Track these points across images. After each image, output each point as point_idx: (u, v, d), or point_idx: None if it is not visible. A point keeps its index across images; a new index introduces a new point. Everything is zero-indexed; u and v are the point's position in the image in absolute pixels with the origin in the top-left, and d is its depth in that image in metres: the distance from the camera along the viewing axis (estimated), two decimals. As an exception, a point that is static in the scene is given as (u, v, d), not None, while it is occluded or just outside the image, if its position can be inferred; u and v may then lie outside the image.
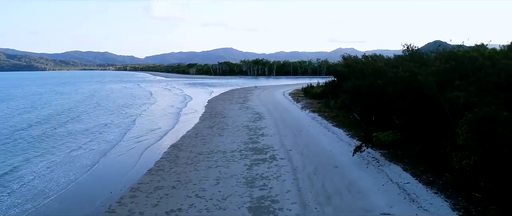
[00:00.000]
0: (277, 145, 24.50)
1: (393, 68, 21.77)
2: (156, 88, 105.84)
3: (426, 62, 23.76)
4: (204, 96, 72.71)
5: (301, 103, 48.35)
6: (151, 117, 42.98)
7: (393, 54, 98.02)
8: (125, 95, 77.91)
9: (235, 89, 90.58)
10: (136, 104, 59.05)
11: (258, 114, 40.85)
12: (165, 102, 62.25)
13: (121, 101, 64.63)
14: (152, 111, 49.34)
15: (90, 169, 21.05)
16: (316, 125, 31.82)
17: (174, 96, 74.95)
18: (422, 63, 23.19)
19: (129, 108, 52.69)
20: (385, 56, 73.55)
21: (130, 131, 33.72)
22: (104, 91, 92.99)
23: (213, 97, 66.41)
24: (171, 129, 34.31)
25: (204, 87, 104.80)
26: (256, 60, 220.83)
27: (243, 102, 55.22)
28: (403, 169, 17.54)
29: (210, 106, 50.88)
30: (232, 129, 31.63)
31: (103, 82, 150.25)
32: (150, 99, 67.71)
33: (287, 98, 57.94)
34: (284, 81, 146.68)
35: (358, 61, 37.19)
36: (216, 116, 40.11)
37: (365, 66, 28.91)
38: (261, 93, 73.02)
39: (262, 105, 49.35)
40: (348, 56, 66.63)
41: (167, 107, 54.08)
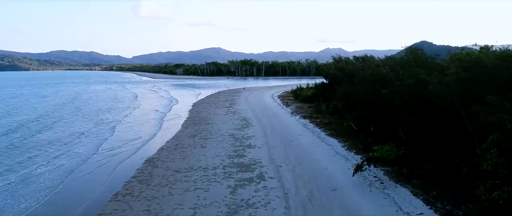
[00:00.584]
0: (266, 159, 21.80)
1: (396, 74, 19.20)
2: (141, 89, 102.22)
3: (431, 66, 21.35)
4: (190, 98, 69.63)
5: (291, 107, 45.75)
6: (132, 124, 39.83)
7: (384, 55, 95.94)
8: (108, 98, 74.27)
9: (222, 91, 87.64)
10: (119, 108, 55.70)
11: (245, 120, 38.10)
12: (149, 105, 59.04)
13: (104, 105, 61.14)
14: (134, 116, 46.12)
15: (48, 194, 18.00)
16: (308, 134, 29.20)
17: (160, 99, 71.65)
18: (427, 67, 20.76)
19: (111, 113, 49.35)
20: (377, 57, 71.89)
21: (106, 141, 30.64)
22: (87, 94, 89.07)
23: (198, 100, 63.43)
24: (150, 139, 31.31)
25: (191, 89, 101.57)
26: (244, 61, 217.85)
27: (230, 105, 52.40)
28: (412, 193, 15.01)
29: (194, 111, 47.95)
30: (216, 138, 28.82)
31: (87, 83, 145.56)
32: (134, 102, 64.34)
33: (276, 101, 55.30)
34: (273, 82, 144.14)
35: (352, 64, 34.58)
36: (199, 123, 37.22)
37: (364, 71, 26.31)
38: (249, 95, 70.26)
39: (249, 110, 46.61)
40: (339, 58, 64.48)
41: (151, 111, 50.96)
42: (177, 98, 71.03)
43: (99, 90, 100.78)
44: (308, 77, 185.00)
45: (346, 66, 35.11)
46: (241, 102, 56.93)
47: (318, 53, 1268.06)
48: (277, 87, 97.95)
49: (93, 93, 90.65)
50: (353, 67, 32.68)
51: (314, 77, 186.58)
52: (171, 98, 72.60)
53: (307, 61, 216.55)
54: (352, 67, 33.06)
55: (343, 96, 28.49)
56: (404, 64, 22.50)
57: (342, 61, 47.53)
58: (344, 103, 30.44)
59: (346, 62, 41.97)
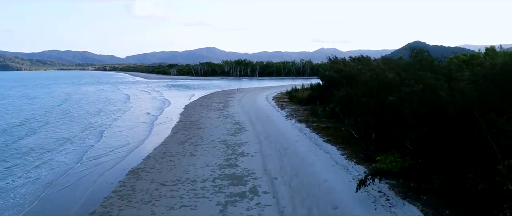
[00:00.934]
0: (260, 170, 20.16)
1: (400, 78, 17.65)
2: (134, 90, 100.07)
3: (438, 69, 19.84)
4: (183, 100, 67.89)
5: (286, 110, 44.17)
6: (121, 129, 37.91)
7: (380, 55, 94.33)
8: (99, 100, 72.11)
9: (215, 92, 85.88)
10: (109, 111, 53.71)
11: (239, 124, 36.44)
12: (141, 108, 57.13)
13: (94, 107, 59.02)
14: (124, 120, 44.19)
15: (17, 214, 16.19)
16: (305, 140, 27.61)
17: (152, 100, 69.57)
18: (434, 71, 19.25)
19: (100, 117, 47.39)
20: (372, 58, 70.65)
21: (92, 149, 28.75)
22: (77, 95, 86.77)
23: (191, 102, 61.63)
24: (138, 145, 29.52)
25: (184, 90, 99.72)
26: (238, 61, 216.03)
27: (223, 108, 50.70)
28: (423, 213, 13.46)
29: (186, 114, 46.19)
30: (207, 145, 27.13)
31: (79, 84, 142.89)
32: (125, 104, 62.36)
33: (271, 104, 53.69)
34: (267, 82, 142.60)
35: (350, 66, 33.03)
36: (190, 127, 35.49)
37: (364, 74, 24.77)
38: (243, 97, 68.60)
39: (243, 113, 44.96)
40: (335, 59, 63.07)
41: (142, 114, 49.08)
42: (170, 100, 69.26)
43: (91, 91, 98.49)
44: (303, 78, 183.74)
45: (344, 68, 33.55)
46: (235, 104, 55.25)
47: (312, 53, 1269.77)
48: (272, 88, 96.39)
49: (84, 94, 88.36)
50: (352, 69, 31.12)
51: (309, 78, 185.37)
52: (164, 99, 70.80)
53: (301, 61, 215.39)
54: (351, 69, 31.50)
55: (342, 101, 26.95)
56: (408, 67, 20.93)
57: (338, 62, 46.02)
58: (343, 107, 28.92)
59: (343, 63, 40.42)
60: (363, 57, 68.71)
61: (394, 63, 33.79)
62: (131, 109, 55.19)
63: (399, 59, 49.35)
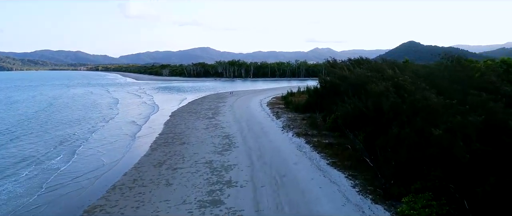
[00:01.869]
0: (251, 210, 15.77)
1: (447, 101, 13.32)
2: (123, 93, 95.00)
3: (479, 84, 15.54)
4: (172, 105, 63.38)
5: (282, 120, 39.81)
6: (98, 144, 33.16)
7: (376, 56, 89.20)
8: (85, 105, 67.00)
9: (207, 96, 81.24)
10: (93, 119, 48.91)
11: (228, 137, 31.98)
12: (127, 115, 52.46)
13: (77, 114, 54.02)
14: (105, 131, 39.37)
15: None
16: (305, 161, 23.20)
17: (141, 105, 64.53)
18: (473, 85, 14.97)
19: (81, 127, 42.56)
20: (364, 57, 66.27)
21: (56, 174, 24.03)
22: (64, 99, 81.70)
23: (179, 108, 57.01)
24: (111, 168, 24.86)
25: (175, 93, 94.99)
26: (232, 61, 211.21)
27: (213, 116, 46.20)
28: None
29: (171, 123, 41.63)
30: (188, 168, 22.65)
31: (69, 86, 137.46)
32: (113, 110, 57.58)
33: (265, 110, 49.28)
34: (261, 84, 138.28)
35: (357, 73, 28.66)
36: (173, 142, 30.95)
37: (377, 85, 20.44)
38: (236, 101, 64.15)
39: (234, 122, 40.52)
40: (334, 61, 58.82)
41: (126, 124, 44.36)
42: (159, 104, 65.00)
43: (78, 95, 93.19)
44: (298, 79, 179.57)
45: (350, 75, 29.09)
46: (226, 111, 50.74)
47: (307, 53, 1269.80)
48: (266, 91, 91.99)
49: (71, 98, 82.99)
50: (360, 76, 26.72)
51: (304, 79, 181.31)
52: (153, 104, 66.56)
53: (296, 62, 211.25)
54: (358, 77, 27.10)
55: (349, 115, 22.61)
56: (443, 78, 16.61)
57: (337, 65, 41.70)
58: (349, 121, 24.58)
59: (347, 68, 36.08)
60: (363, 59, 64.50)
61: (409, 69, 29.55)
62: (116, 116, 50.52)
63: (405, 62, 45.20)
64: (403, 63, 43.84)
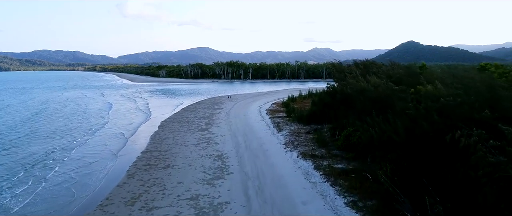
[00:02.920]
0: None
1: None
2: (118, 97, 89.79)
3: None
4: (164, 111, 58.69)
5: (284, 133, 34.98)
6: (75, 165, 27.83)
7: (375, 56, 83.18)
8: (76, 111, 61.73)
9: (202, 100, 76.37)
10: (79, 129, 43.89)
11: (222, 158, 27.09)
12: (117, 124, 47.53)
13: (65, 123, 48.64)
14: (86, 148, 33.85)
15: None
16: (317, 199, 18.31)
17: (134, 112, 59.30)
18: None
19: (63, 140, 37.26)
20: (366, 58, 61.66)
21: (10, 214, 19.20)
22: (56, 103, 76.70)
23: (171, 116, 52.11)
24: (77, 205, 19.95)
25: (170, 97, 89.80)
26: (230, 62, 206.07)
27: (206, 127, 41.31)
28: None
29: (158, 137, 36.71)
30: (167, 210, 17.74)
31: (64, 88, 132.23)
32: (103, 118, 52.48)
33: (265, 120, 44.44)
34: (261, 86, 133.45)
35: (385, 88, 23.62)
36: (156, 164, 26.04)
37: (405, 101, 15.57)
38: (233, 108, 59.31)
39: (229, 136, 35.64)
40: (338, 64, 53.99)
41: (112, 136, 39.26)
42: (152, 111, 60.40)
43: (72, 98, 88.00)
44: (298, 80, 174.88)
45: (368, 87, 24.09)
46: (221, 120, 45.84)
47: (306, 53, 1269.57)
48: (266, 94, 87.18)
49: (64, 103, 77.56)
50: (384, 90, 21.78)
51: (304, 81, 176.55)
52: (147, 110, 62.30)
53: (296, 62, 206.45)
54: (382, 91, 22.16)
55: (374, 141, 17.75)
56: None
57: (350, 72, 36.85)
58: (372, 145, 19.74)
59: (359, 75, 31.21)
60: (370, 62, 59.84)
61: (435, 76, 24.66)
62: (105, 126, 45.54)
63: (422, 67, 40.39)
64: (419, 68, 39.21)
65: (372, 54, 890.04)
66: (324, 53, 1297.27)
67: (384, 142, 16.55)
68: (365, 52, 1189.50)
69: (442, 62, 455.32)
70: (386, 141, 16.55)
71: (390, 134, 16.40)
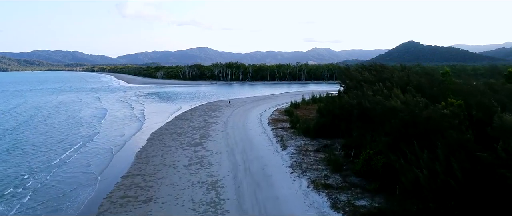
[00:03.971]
0: None
1: None
2: (113, 102, 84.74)
3: None
4: (158, 119, 54.27)
5: (289, 151, 30.35)
6: (45, 197, 23.03)
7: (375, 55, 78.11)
8: (68, 119, 56.83)
9: (199, 106, 71.65)
10: (67, 142, 39.21)
11: (215, 188, 22.42)
12: (108, 136, 42.90)
13: (52, 135, 43.62)
14: (67, 169, 29.15)
15: None
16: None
17: (127, 121, 54.18)
18: None
19: (44, 158, 32.26)
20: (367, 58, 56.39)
21: None
22: (49, 108, 72.15)
23: (163, 127, 47.41)
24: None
25: (167, 101, 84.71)
26: (229, 64, 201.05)
27: (200, 140, 36.67)
28: None
29: (145, 155, 32.02)
30: None
31: (60, 91, 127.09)
32: (95, 129, 47.44)
33: (266, 132, 39.81)
34: (261, 89, 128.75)
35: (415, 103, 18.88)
36: (134, 198, 21.30)
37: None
38: (231, 115, 54.68)
39: (226, 154, 30.99)
40: (345, 68, 49.59)
41: (99, 153, 34.49)
42: (146, 118, 56.10)
43: (66, 103, 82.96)
44: (299, 82, 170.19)
45: (400, 106, 19.16)
46: (218, 132, 41.17)
47: (305, 53, 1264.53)
48: (266, 99, 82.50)
49: (56, 108, 72.45)
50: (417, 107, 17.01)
51: (305, 82, 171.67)
52: (142, 116, 58.62)
53: (297, 64, 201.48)
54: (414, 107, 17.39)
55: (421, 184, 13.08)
56: None
57: (364, 79, 32.21)
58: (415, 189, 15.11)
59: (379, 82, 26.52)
60: (378, 65, 55.68)
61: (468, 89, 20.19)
62: (93, 139, 40.70)
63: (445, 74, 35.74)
64: (442, 74, 34.64)
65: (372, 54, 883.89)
66: (324, 53, 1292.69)
67: (437, 188, 11.90)
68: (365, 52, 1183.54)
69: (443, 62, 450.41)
70: (439, 186, 11.91)
71: (445, 178, 11.73)
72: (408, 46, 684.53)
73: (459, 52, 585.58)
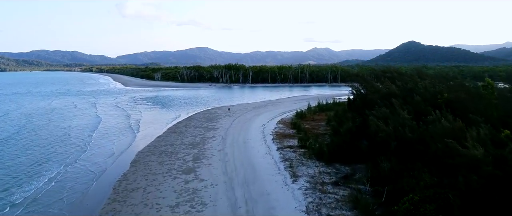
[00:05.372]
0: None
1: None
2: (109, 108, 79.12)
3: None
4: (148, 132, 48.83)
5: (302, 184, 24.62)
6: None
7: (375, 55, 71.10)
8: (58, 131, 51.26)
9: (196, 114, 65.81)
10: (49, 165, 33.55)
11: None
12: (95, 155, 37.21)
13: (35, 154, 37.65)
14: (32, 210, 23.70)
15: None
16: None
17: (120, 133, 48.83)
18: None
19: (15, 188, 27.34)
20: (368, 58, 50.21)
21: None
22: (41, 116, 66.56)
23: (152, 143, 41.69)
24: None
25: (163, 108, 78.81)
26: (229, 65, 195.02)
27: (194, 165, 30.91)
28: None
29: (122, 189, 26.19)
30: None
31: (57, 94, 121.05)
32: (84, 145, 41.39)
33: (272, 153, 34.04)
34: (261, 92, 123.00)
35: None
36: None
37: None
38: (230, 127, 48.95)
39: (224, 188, 25.21)
40: (360, 74, 44.20)
41: (80, 179, 29.05)
42: (142, 126, 52.63)
43: (60, 110, 76.62)
44: (301, 85, 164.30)
45: (476, 153, 13.30)
46: (214, 152, 35.36)
47: (305, 53, 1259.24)
48: (268, 105, 76.69)
49: (48, 116, 65.92)
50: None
51: (307, 85, 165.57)
52: (137, 125, 54.42)
53: (299, 65, 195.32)
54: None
55: None
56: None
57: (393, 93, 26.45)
58: None
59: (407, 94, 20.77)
60: (393, 70, 50.49)
61: None
62: (78, 161, 34.64)
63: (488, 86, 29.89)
64: (483, 87, 28.97)
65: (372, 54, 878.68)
66: (324, 53, 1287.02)
67: None
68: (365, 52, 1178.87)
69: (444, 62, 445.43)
70: None
71: None
72: (409, 46, 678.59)
73: (460, 52, 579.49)
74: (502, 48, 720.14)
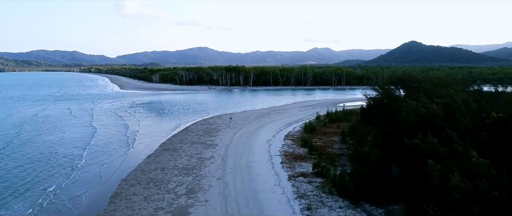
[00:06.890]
0: None
1: None
2: (105, 116, 73.49)
3: None
4: (143, 149, 43.45)
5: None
6: None
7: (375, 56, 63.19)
8: (48, 145, 46.38)
9: (193, 125, 59.85)
10: (29, 195, 28.55)
11: None
12: (79, 181, 31.89)
13: (15, 180, 32.27)
14: None
15: None
16: None
17: (114, 149, 43.55)
18: None
19: None
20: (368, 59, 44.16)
21: None
22: (33, 125, 62.21)
23: (138, 168, 35.80)
24: None
25: (161, 116, 72.55)
26: (229, 67, 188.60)
27: (186, 201, 25.07)
28: None
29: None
30: None
31: (53, 99, 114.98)
32: (70, 167, 35.98)
33: (282, 185, 28.18)
34: (264, 96, 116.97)
35: None
36: None
37: None
38: (231, 143, 43.15)
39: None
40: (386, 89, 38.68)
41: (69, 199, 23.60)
42: (138, 139, 49.19)
43: (54, 118, 71.28)
44: (305, 88, 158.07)
45: None
46: (212, 180, 29.45)
47: (305, 53, 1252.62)
48: (272, 114, 70.64)
49: (41, 127, 60.79)
50: None
51: (311, 88, 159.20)
52: (134, 138, 50.37)
53: (302, 68, 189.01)
54: None
55: None
56: None
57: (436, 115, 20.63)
58: None
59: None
60: (427, 83, 44.83)
61: None
62: (57, 192, 28.94)
63: None
64: None
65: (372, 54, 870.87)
66: (324, 53, 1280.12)
67: None
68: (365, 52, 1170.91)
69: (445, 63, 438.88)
70: None
71: None
72: (410, 46, 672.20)
73: (462, 52, 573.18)
74: (503, 48, 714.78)
